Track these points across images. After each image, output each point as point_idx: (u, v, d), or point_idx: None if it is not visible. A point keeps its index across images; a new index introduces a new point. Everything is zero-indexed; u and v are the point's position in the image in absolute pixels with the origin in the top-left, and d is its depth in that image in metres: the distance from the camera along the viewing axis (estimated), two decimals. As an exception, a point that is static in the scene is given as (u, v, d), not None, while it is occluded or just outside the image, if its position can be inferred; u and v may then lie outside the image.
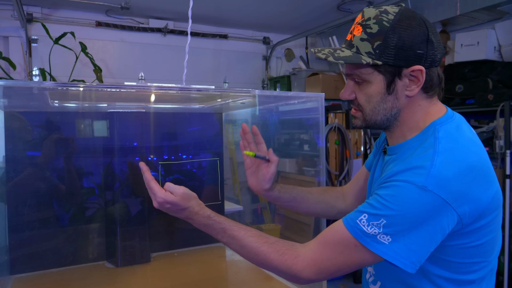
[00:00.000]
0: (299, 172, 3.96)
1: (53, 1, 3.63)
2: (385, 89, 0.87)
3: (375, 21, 0.84)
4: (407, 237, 0.78)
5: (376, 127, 0.93)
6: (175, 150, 1.78)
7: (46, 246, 1.58)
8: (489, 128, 3.11)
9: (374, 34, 0.84)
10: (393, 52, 0.83)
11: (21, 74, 3.62)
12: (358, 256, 0.83)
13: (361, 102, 0.90)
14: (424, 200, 0.77)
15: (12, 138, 1.50)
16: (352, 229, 0.82)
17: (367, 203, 0.84)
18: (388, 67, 0.85)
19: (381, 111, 0.89)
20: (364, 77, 0.87)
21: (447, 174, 0.78)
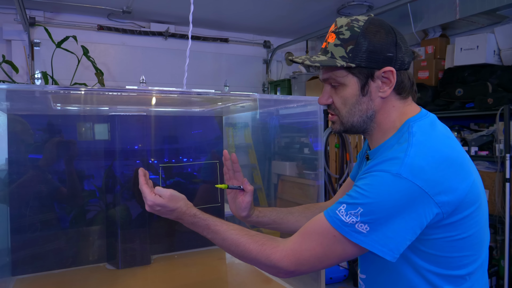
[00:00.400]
0: (299, 176, 3.97)
1: (56, 5, 3.66)
2: (359, 91, 0.92)
3: (347, 28, 0.90)
4: (384, 225, 0.80)
5: (354, 131, 0.96)
6: (175, 153, 1.80)
7: (47, 248, 1.59)
8: (488, 132, 3.12)
9: (346, 40, 0.90)
10: (365, 55, 0.89)
11: (23, 77, 3.65)
12: (338, 247, 0.84)
13: (337, 105, 0.95)
14: (399, 187, 0.80)
15: (14, 141, 1.52)
16: (331, 220, 0.84)
17: (347, 195, 0.86)
18: (361, 69, 0.90)
19: (357, 112, 0.93)
20: (339, 80, 0.92)
21: (421, 163, 0.81)
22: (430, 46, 3.66)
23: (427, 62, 3.66)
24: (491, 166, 3.03)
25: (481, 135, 3.14)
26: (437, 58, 3.62)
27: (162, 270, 1.65)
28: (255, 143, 4.27)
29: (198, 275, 1.61)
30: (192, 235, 1.90)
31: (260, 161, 4.37)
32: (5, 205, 1.52)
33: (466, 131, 3.37)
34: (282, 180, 4.33)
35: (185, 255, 1.81)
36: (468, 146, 3.18)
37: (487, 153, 3.05)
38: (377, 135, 0.96)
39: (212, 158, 1.85)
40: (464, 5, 3.26)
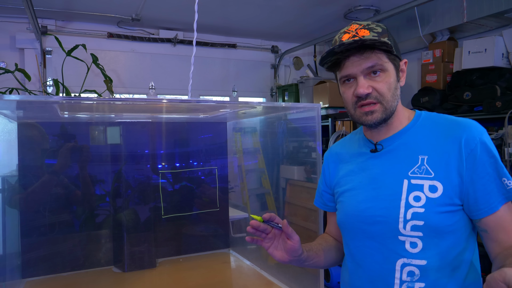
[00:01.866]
0: (307, 180, 3.98)
1: (67, 14, 3.74)
2: (396, 77, 0.99)
3: (375, 25, 0.98)
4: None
5: (389, 117, 0.99)
6: (179, 158, 1.83)
7: (56, 251, 1.64)
8: (497, 136, 3.09)
9: (380, 33, 0.96)
10: (395, 46, 0.98)
11: (35, 85, 3.74)
12: None
13: (382, 91, 0.97)
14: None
15: (25, 147, 1.57)
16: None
17: (492, 177, 0.92)
18: (395, 57, 0.98)
19: (396, 97, 0.99)
20: (385, 65, 0.96)
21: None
22: (438, 49, 3.64)
23: (435, 66, 3.64)
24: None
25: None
26: (445, 61, 3.61)
27: (167, 273, 1.68)
28: (263, 148, 4.30)
29: (202, 278, 1.64)
30: (197, 239, 1.93)
31: (268, 165, 4.39)
32: (15, 209, 1.56)
33: (474, 135, 3.33)
34: (290, 184, 4.34)
35: (190, 258, 1.84)
36: (476, 150, 3.15)
37: (496, 156, 3.01)
38: (396, 123, 1.02)
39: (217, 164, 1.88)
40: (471, 8, 3.25)
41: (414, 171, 0.95)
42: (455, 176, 0.92)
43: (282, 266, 2.86)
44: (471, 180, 0.92)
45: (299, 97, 4.55)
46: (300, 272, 1.86)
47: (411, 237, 0.93)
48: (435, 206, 0.92)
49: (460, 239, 0.94)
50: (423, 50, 3.88)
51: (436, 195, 0.92)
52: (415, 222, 0.92)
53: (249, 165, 4.40)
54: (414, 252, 0.94)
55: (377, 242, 0.98)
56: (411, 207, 0.93)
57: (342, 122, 3.97)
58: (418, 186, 0.93)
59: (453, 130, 0.95)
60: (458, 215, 0.94)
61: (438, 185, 0.92)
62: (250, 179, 4.51)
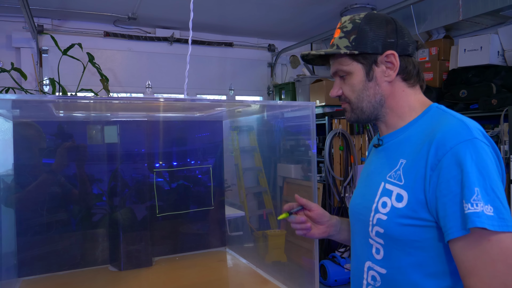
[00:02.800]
0: (304, 178, 3.99)
1: (63, 13, 3.74)
2: (365, 76, 0.95)
3: (349, 21, 0.97)
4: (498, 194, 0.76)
5: (365, 117, 0.98)
6: (175, 157, 1.84)
7: (53, 250, 1.64)
8: (493, 133, 3.11)
9: (349, 31, 0.95)
10: (367, 41, 0.93)
11: (32, 84, 3.73)
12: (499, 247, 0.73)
13: (346, 93, 0.98)
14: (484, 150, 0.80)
15: (21, 146, 1.57)
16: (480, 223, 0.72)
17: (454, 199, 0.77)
18: (364, 55, 0.94)
19: (365, 98, 0.96)
20: (345, 68, 0.96)
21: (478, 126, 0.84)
22: (434, 47, 3.65)
23: (431, 64, 3.66)
24: (495, 167, 3.01)
25: (485, 136, 3.12)
26: (441, 59, 3.62)
27: (164, 271, 1.68)
28: (260, 146, 4.30)
29: (199, 277, 1.65)
30: (193, 237, 1.94)
31: (265, 164, 4.40)
32: (11, 208, 1.57)
33: (470, 133, 3.35)
34: (287, 182, 4.35)
35: (186, 257, 1.85)
36: (472, 148, 3.16)
37: (491, 154, 3.03)
38: (393, 120, 0.97)
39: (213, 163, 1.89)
40: (467, 6, 3.26)
41: (391, 175, 0.91)
42: (420, 189, 0.83)
43: (278, 265, 2.87)
44: (435, 197, 0.80)
45: (296, 96, 4.56)
46: (296, 270, 1.87)
47: (376, 243, 0.92)
48: (397, 216, 0.85)
49: (436, 263, 0.84)
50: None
51: (401, 205, 0.85)
52: (378, 228, 0.90)
53: (246, 164, 4.41)
54: (377, 259, 0.92)
55: (358, 239, 1.00)
56: (377, 212, 0.90)
57: (338, 121, 3.98)
58: (388, 192, 0.89)
59: (431, 133, 0.85)
60: (430, 233, 0.83)
61: (404, 194, 0.85)
62: (247, 178, 4.51)
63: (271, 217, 4.12)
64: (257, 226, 4.12)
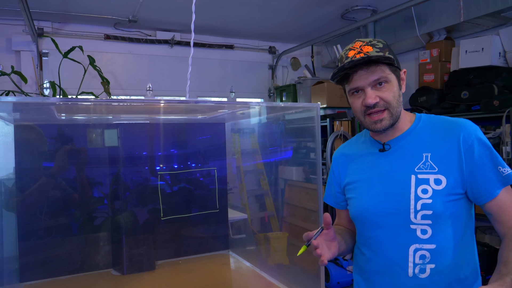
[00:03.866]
0: (306, 180, 3.97)
1: (63, 16, 3.73)
2: (398, 85, 1.11)
3: (376, 41, 1.10)
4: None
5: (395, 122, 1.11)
6: (177, 160, 1.82)
7: (55, 254, 1.62)
8: (495, 134, 3.10)
9: (382, 48, 1.09)
10: (395, 59, 1.10)
11: (32, 87, 3.72)
12: None
13: (388, 99, 1.09)
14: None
15: (22, 149, 1.55)
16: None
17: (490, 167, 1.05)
18: (396, 69, 1.11)
19: (400, 104, 1.11)
20: (389, 77, 1.09)
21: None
22: (435, 49, 3.65)
23: (432, 65, 3.65)
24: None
25: (488, 137, 3.11)
26: (442, 61, 3.61)
27: (167, 275, 1.67)
28: (261, 148, 4.29)
29: (202, 280, 1.63)
30: (197, 240, 1.92)
31: (266, 166, 4.39)
32: (13, 213, 1.55)
33: (472, 134, 3.33)
34: (289, 185, 4.33)
35: (189, 260, 1.83)
36: (474, 149, 3.15)
37: (494, 155, 3.01)
38: (401, 125, 1.14)
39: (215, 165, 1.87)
40: (468, 7, 3.25)
41: (420, 167, 1.08)
42: (456, 169, 1.06)
43: (282, 267, 2.85)
44: (470, 172, 1.05)
45: (297, 98, 4.55)
46: (300, 273, 1.85)
47: (422, 225, 1.06)
48: (440, 196, 1.05)
49: (461, 223, 1.08)
50: (420, 49, 3.89)
51: (441, 187, 1.05)
52: (425, 212, 1.05)
53: (248, 166, 4.40)
54: (424, 238, 1.07)
55: (391, 231, 1.10)
56: (420, 199, 1.06)
57: (340, 122, 3.97)
58: (424, 180, 1.07)
59: (451, 129, 1.09)
60: (460, 203, 1.07)
61: (442, 178, 1.06)
62: (248, 180, 4.50)
63: (272, 219, 4.11)
64: (259, 228, 4.11)
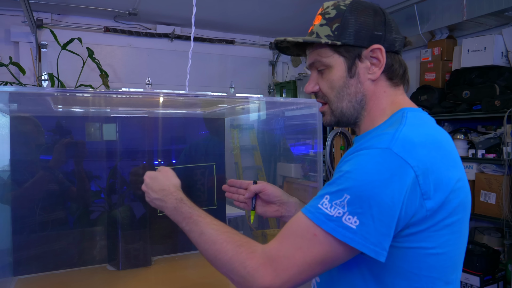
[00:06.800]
0: (304, 177, 3.96)
1: (63, 7, 3.69)
2: (346, 72, 0.84)
3: (333, 7, 0.86)
4: (375, 216, 0.68)
5: (345, 120, 0.87)
6: (176, 154, 1.80)
7: (49, 248, 1.60)
8: (496, 134, 3.08)
9: (332, 18, 0.84)
10: (351, 32, 0.82)
11: (30, 79, 3.69)
12: (318, 250, 0.70)
13: (324, 90, 0.87)
14: (390, 164, 0.69)
15: (18, 142, 1.53)
16: (313, 216, 0.71)
17: (327, 184, 0.75)
18: (348, 47, 0.83)
19: (345, 96, 0.85)
20: (324, 61, 0.85)
21: (413, 139, 0.73)
22: (437, 47, 3.62)
23: (434, 64, 3.62)
24: (498, 169, 2.99)
25: (489, 137, 3.10)
26: (444, 59, 3.59)
27: (163, 271, 1.65)
28: (260, 145, 4.27)
29: (199, 277, 1.61)
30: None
31: (265, 162, 4.37)
32: (7, 205, 1.53)
33: (473, 134, 3.33)
34: (287, 181, 4.32)
35: (186, 256, 1.81)
36: (475, 149, 3.14)
37: (495, 156, 3.01)
38: (366, 123, 0.87)
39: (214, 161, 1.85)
40: (471, 6, 3.23)
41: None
42: None
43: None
44: None
45: (297, 94, 4.53)
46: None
47: None
48: None
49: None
50: (422, 48, 3.87)
51: None
52: None
53: (246, 162, 4.38)
54: None
55: None
56: None
57: (340, 120, 3.95)
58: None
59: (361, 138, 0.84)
60: None
61: None
62: (247, 176, 4.48)
63: (270, 216, 4.09)
64: (256, 225, 4.09)
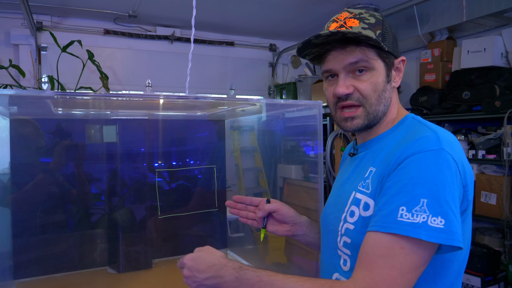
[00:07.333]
0: (305, 179, 3.95)
1: (63, 10, 3.69)
2: (385, 77, 0.87)
3: (369, 15, 0.86)
4: (455, 211, 0.71)
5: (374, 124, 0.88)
6: (176, 156, 1.80)
7: (50, 251, 1.60)
8: (496, 135, 3.08)
9: (373, 24, 0.85)
10: (390, 41, 0.86)
11: (30, 82, 3.69)
12: (411, 260, 0.71)
13: (365, 92, 0.85)
14: (448, 162, 0.74)
15: (18, 144, 1.53)
16: (398, 230, 0.71)
17: (391, 196, 0.74)
18: (388, 54, 0.86)
19: (383, 100, 0.87)
20: (371, 63, 0.84)
21: (451, 140, 0.78)
22: (437, 48, 3.62)
23: (433, 65, 3.62)
24: (498, 170, 2.99)
25: (489, 138, 3.09)
26: (444, 60, 3.59)
27: (163, 274, 1.65)
28: (260, 146, 4.27)
29: (199, 280, 1.60)
30: (194, 238, 1.90)
31: (265, 164, 4.36)
32: (7, 208, 1.53)
33: (473, 134, 3.32)
34: (287, 183, 4.31)
35: (187, 259, 1.80)
36: (475, 150, 3.14)
37: (495, 156, 3.00)
38: (380, 127, 0.90)
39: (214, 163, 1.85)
40: (471, 7, 3.23)
41: (362, 183, 0.85)
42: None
43: (278, 266, 2.84)
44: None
45: (297, 96, 4.52)
46: (297, 272, 1.83)
47: (344, 254, 0.87)
48: (363, 225, 0.80)
49: None
50: (422, 49, 3.87)
51: (367, 214, 0.81)
52: (346, 238, 0.85)
53: (246, 164, 4.37)
54: (345, 270, 0.87)
55: (327, 250, 0.94)
56: (346, 222, 0.85)
57: (340, 121, 3.94)
58: (357, 201, 0.84)
59: (401, 144, 0.81)
60: None
61: (371, 203, 0.81)
62: (247, 178, 4.47)
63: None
64: (257, 228, 4.08)
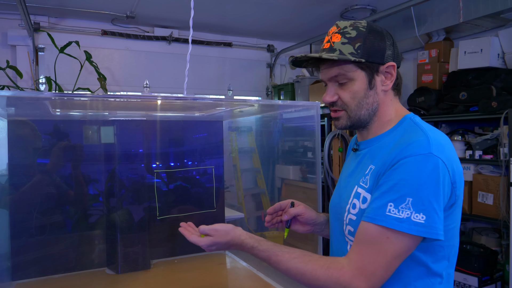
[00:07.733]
0: (303, 180, 3.96)
1: (60, 11, 3.69)
2: (367, 84, 0.98)
3: (352, 28, 0.98)
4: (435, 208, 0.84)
5: (358, 125, 1.02)
6: (174, 157, 1.80)
7: (48, 252, 1.60)
8: (493, 136, 3.09)
9: (353, 38, 0.97)
10: (371, 51, 0.96)
11: (28, 83, 3.68)
12: (394, 249, 0.85)
13: (346, 100, 0.99)
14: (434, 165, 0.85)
15: (16, 145, 1.53)
16: (385, 223, 0.85)
17: (383, 193, 0.88)
18: (369, 64, 0.97)
19: (364, 105, 0.99)
20: (349, 75, 0.97)
21: (441, 142, 0.90)
22: (434, 49, 3.64)
23: (431, 66, 3.64)
24: (495, 170, 3.00)
25: (486, 138, 3.11)
26: (441, 61, 3.60)
27: (162, 275, 1.65)
28: (258, 147, 4.27)
29: (198, 280, 1.61)
30: (193, 239, 1.90)
31: (263, 165, 4.37)
32: (5, 209, 1.52)
33: (470, 135, 3.34)
34: (285, 184, 4.32)
35: (185, 259, 1.81)
36: (472, 150, 3.15)
37: (492, 157, 3.02)
38: (376, 128, 1.02)
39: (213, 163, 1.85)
40: (467, 8, 3.24)
41: (362, 179, 0.99)
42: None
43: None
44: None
45: (295, 97, 4.53)
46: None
47: (350, 241, 1.00)
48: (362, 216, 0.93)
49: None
50: (419, 50, 3.88)
51: (365, 207, 0.94)
52: (350, 227, 0.99)
53: (245, 165, 4.38)
54: None
55: (336, 236, 1.08)
56: (349, 213, 0.99)
57: (338, 122, 3.95)
58: (358, 195, 0.98)
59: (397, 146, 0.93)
60: None
61: (368, 197, 0.95)
62: (245, 179, 4.48)
63: (269, 218, 4.08)
64: (256, 227, 4.09)
